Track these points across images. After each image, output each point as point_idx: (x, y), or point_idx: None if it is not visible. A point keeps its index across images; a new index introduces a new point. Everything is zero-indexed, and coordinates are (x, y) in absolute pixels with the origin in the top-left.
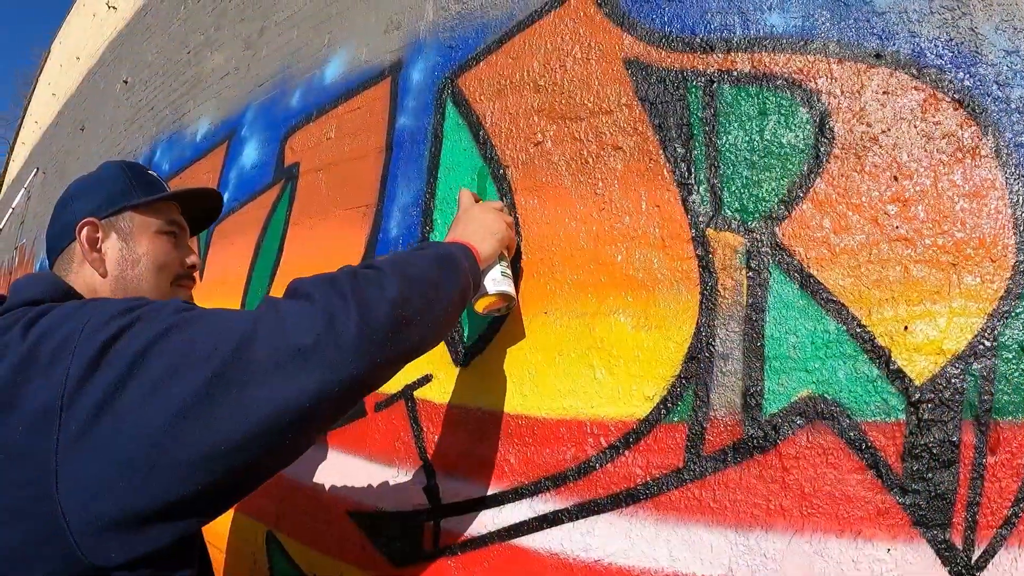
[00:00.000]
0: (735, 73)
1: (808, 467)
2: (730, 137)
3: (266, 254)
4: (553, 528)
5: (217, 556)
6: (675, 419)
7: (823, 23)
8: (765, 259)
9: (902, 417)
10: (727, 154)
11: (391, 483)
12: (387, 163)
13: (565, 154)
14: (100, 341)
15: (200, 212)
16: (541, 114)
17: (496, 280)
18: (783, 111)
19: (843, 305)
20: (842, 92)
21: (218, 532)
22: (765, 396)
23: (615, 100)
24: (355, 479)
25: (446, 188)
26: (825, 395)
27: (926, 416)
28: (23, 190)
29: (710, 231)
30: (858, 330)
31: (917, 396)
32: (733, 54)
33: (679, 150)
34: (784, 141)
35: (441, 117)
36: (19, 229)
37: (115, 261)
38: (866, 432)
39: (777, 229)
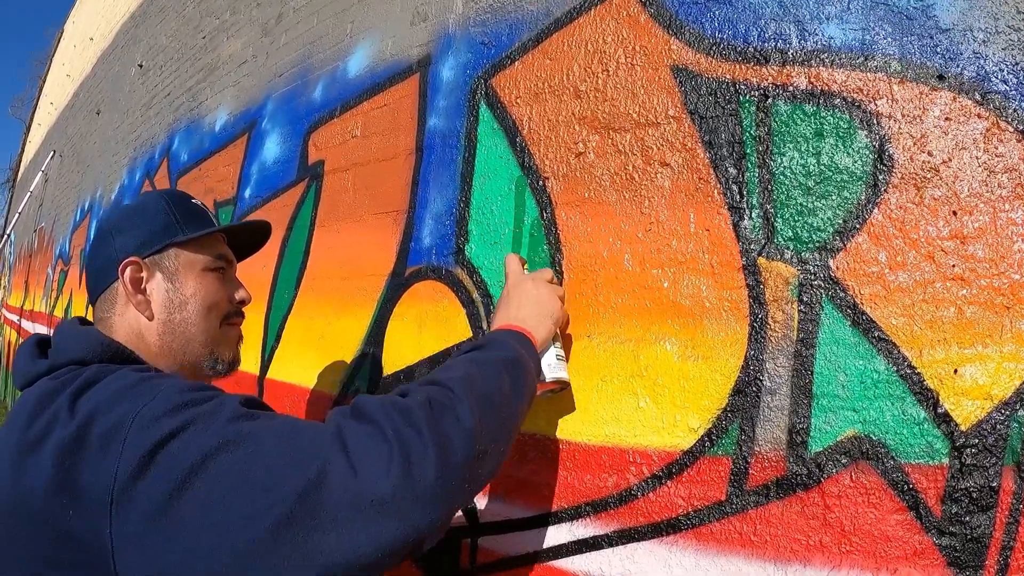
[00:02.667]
0: (791, 89)
1: (850, 506)
2: (785, 159)
3: (291, 256)
4: (592, 552)
5: None
6: (719, 452)
7: (884, 38)
8: (818, 293)
9: (945, 460)
10: (781, 177)
11: None
12: (418, 166)
13: (609, 168)
14: (152, 440)
15: (247, 239)
16: (583, 123)
17: (551, 365)
18: (841, 133)
19: (894, 345)
20: (903, 116)
21: None
22: (811, 434)
23: (662, 112)
24: None
25: (481, 197)
26: (871, 435)
27: (968, 461)
28: (40, 173)
29: (762, 260)
30: (908, 371)
31: (962, 441)
32: (789, 67)
33: (730, 170)
34: (842, 167)
35: (475, 120)
36: (38, 212)
37: (161, 304)
38: (909, 474)
39: (831, 262)
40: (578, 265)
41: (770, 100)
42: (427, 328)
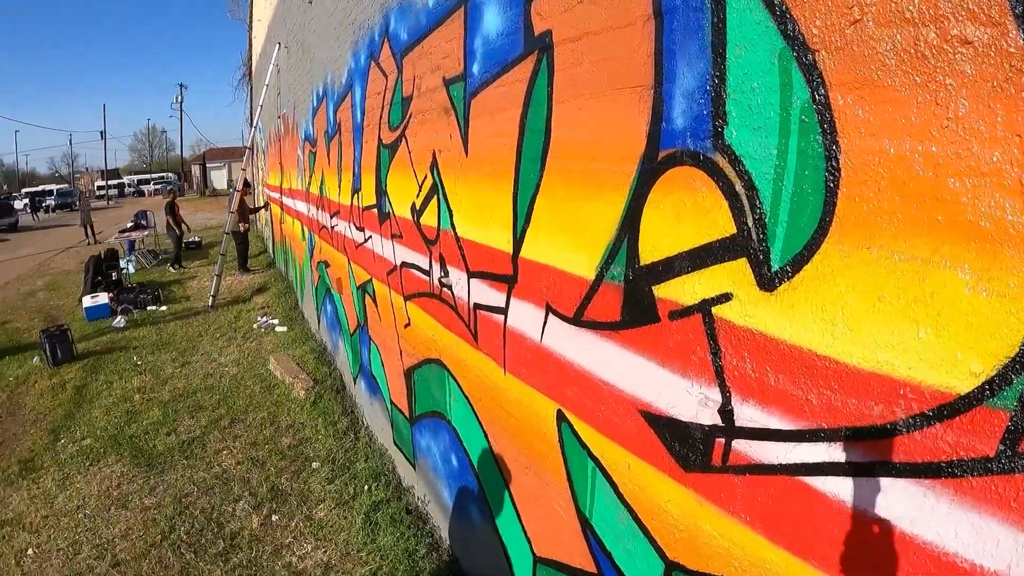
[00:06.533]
0: None
1: None
2: None
3: (532, 135)
4: (845, 478)
5: (510, 422)
6: (998, 404)
7: None
8: None
9: None
10: None
11: (686, 394)
12: (658, 34)
13: (894, 42)
14: None
15: None
16: None
17: None
18: None
19: None
20: None
21: (510, 399)
22: None
23: None
24: (646, 381)
25: (739, 72)
26: None
27: None
28: (272, 65)
29: None
30: None
31: None
32: None
33: None
34: None
35: None
36: (278, 99)
37: None
38: None
39: None
40: (858, 162)
41: None
42: (684, 220)
